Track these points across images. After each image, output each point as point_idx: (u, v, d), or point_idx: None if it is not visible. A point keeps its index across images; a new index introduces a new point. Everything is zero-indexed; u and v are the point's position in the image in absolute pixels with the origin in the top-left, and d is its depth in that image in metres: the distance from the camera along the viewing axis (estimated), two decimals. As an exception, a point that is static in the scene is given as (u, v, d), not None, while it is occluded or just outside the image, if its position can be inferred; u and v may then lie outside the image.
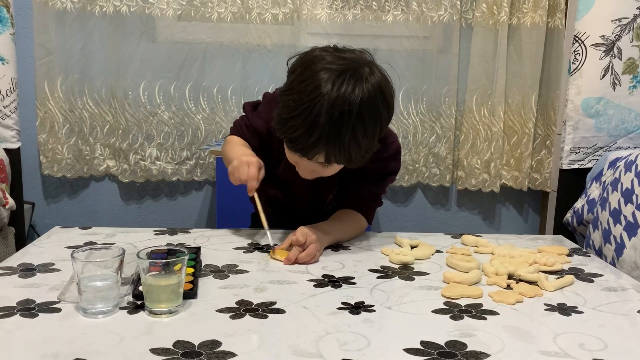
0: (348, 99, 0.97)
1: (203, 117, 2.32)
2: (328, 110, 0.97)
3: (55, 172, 2.30)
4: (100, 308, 0.82)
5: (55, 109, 2.25)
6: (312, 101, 0.98)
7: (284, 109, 1.03)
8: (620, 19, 1.66)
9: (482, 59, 2.34)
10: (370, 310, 0.86)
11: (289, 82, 1.06)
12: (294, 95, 1.01)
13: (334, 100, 0.97)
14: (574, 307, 0.90)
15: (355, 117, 0.98)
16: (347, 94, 0.98)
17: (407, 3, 2.32)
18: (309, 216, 1.22)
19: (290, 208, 1.31)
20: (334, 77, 0.98)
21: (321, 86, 0.98)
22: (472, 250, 1.18)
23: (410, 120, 2.39)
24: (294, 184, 1.23)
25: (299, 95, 1.00)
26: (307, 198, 1.28)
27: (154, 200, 2.43)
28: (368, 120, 1.00)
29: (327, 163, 1.05)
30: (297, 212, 1.30)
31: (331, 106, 0.97)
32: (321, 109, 0.97)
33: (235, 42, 2.30)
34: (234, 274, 1.00)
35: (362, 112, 0.99)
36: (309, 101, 0.98)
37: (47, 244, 1.13)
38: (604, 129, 1.73)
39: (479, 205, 2.54)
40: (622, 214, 1.32)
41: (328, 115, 0.97)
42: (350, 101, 0.97)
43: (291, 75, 1.07)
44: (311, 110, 0.98)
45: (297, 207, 1.30)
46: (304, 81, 1.01)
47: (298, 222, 1.14)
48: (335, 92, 0.97)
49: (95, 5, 2.22)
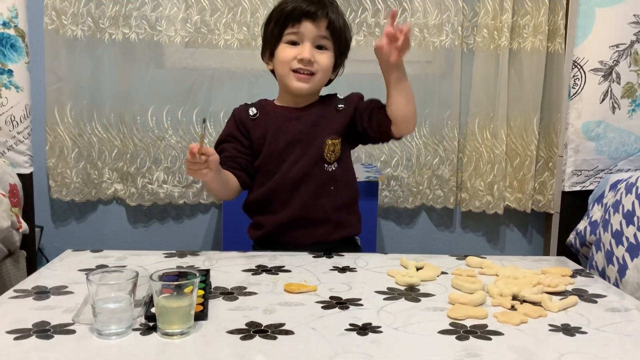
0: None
1: (210, 141, 2.36)
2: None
3: (64, 196, 2.33)
4: (114, 329, 0.84)
5: (65, 134, 2.29)
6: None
7: (274, 9, 1.33)
8: (617, 45, 1.70)
9: (483, 83, 2.38)
10: (378, 331, 0.88)
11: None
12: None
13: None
14: (577, 328, 0.92)
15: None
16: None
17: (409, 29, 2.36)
18: (312, 196, 1.32)
19: (288, 199, 1.34)
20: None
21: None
22: (477, 271, 1.20)
23: (414, 143, 2.42)
24: (288, 147, 1.33)
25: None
26: (305, 158, 1.32)
27: (161, 223, 2.45)
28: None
29: (329, 28, 1.29)
30: (300, 196, 1.33)
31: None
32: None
33: (241, 68, 2.34)
34: (243, 296, 1.02)
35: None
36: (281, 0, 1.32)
37: (60, 267, 1.15)
38: (604, 151, 1.76)
39: (483, 227, 2.55)
40: (624, 235, 1.34)
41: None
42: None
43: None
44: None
45: (295, 176, 1.32)
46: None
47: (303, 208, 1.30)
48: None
49: (105, 33, 2.27)
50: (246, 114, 1.37)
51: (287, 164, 1.33)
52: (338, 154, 1.34)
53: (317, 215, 1.32)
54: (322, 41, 1.31)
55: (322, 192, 1.33)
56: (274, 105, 1.39)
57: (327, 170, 1.34)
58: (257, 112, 1.37)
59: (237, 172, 1.34)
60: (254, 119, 1.36)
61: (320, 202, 1.33)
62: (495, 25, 2.33)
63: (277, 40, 1.32)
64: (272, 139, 1.34)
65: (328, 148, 1.33)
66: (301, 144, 1.33)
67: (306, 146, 1.32)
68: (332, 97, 1.39)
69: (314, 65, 1.29)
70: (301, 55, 1.28)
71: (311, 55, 1.28)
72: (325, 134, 1.33)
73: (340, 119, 1.35)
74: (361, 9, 2.35)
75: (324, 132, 1.33)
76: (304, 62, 1.29)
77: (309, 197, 1.33)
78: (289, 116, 1.35)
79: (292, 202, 1.33)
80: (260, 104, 1.40)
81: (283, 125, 1.34)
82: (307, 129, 1.34)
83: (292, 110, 1.36)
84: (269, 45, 1.35)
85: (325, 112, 1.36)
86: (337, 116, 1.35)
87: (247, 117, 1.37)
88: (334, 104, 1.37)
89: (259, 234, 1.37)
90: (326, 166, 1.34)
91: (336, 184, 1.35)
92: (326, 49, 1.32)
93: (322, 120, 1.34)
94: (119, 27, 2.27)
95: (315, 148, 1.33)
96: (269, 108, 1.38)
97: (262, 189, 1.35)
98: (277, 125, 1.34)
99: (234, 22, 2.31)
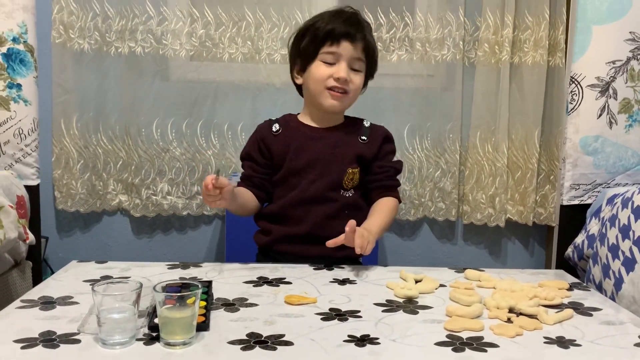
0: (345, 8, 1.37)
1: (214, 153, 2.39)
2: (337, 9, 1.37)
3: (69, 207, 2.36)
4: (118, 339, 0.86)
5: (71, 146, 2.32)
6: (316, 16, 1.37)
7: (309, 25, 1.37)
8: (614, 61, 1.72)
9: (485, 97, 2.41)
10: (376, 342, 0.90)
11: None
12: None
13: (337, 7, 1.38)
14: (572, 340, 0.93)
15: (357, 14, 1.36)
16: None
17: (411, 43, 2.40)
18: (325, 217, 1.35)
19: (301, 216, 1.37)
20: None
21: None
22: (475, 284, 1.21)
23: (416, 156, 2.45)
24: (309, 166, 1.36)
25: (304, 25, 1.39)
26: (323, 180, 1.36)
27: (164, 234, 2.47)
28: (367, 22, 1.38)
29: (365, 50, 1.34)
30: (314, 215, 1.36)
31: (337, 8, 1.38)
32: (328, 12, 1.36)
33: (245, 81, 2.38)
34: (244, 307, 1.04)
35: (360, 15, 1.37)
36: (314, 18, 1.38)
37: (66, 278, 1.18)
38: (602, 166, 1.78)
39: (485, 239, 2.57)
40: (620, 249, 1.36)
41: (338, 11, 1.35)
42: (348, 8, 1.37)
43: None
44: (321, 15, 1.36)
45: (312, 196, 1.36)
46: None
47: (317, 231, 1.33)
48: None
49: (111, 46, 2.31)
50: (269, 131, 1.41)
51: (306, 182, 1.35)
52: (356, 182, 1.38)
53: (327, 234, 1.33)
54: (356, 63, 1.34)
55: (336, 215, 1.36)
56: (298, 122, 1.42)
57: (343, 196, 1.38)
58: (280, 128, 1.40)
59: (253, 189, 1.39)
60: (276, 135, 1.40)
61: (332, 223, 1.34)
62: (497, 40, 2.36)
63: (311, 57, 1.35)
64: (293, 155, 1.37)
65: (348, 176, 1.37)
66: (320, 163, 1.36)
67: (325, 167, 1.35)
68: (357, 123, 1.43)
69: (349, 85, 1.33)
70: (338, 75, 1.31)
71: (347, 74, 1.32)
72: (346, 161, 1.36)
73: (361, 151, 1.38)
74: (364, 23, 2.38)
75: (344, 158, 1.36)
76: (340, 81, 1.32)
77: (322, 217, 1.36)
78: (312, 135, 1.39)
79: (305, 219, 1.36)
80: (285, 119, 1.43)
81: (305, 143, 1.37)
82: (328, 150, 1.37)
83: (315, 130, 1.40)
84: (301, 61, 1.38)
85: (348, 137, 1.39)
86: (359, 146, 1.38)
87: (270, 134, 1.40)
88: (358, 133, 1.40)
89: (266, 240, 1.39)
90: (342, 192, 1.38)
91: (350, 209, 1.38)
92: (359, 70, 1.36)
93: (344, 144, 1.37)
94: (125, 40, 2.31)
95: (335, 173, 1.36)
96: (292, 124, 1.41)
97: (279, 203, 1.38)
98: (300, 143, 1.38)
99: (238, 36, 2.34)
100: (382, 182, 1.40)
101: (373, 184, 1.40)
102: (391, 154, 1.43)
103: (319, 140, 1.38)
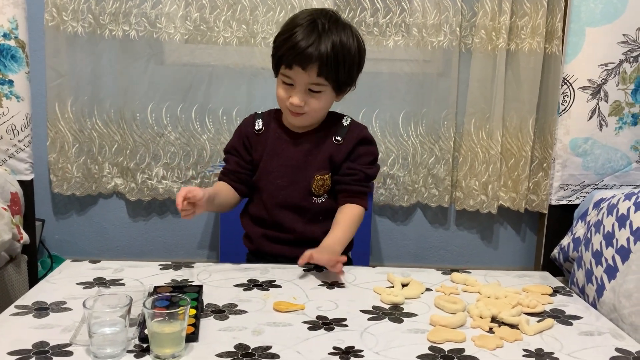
0: (324, 10, 1.28)
1: (209, 137, 2.39)
2: (311, 14, 1.26)
3: (65, 190, 2.38)
4: (109, 352, 0.89)
5: (66, 129, 2.33)
6: (295, 17, 1.29)
7: (277, 36, 1.29)
8: (606, 64, 1.72)
9: (480, 83, 2.40)
10: (359, 355, 0.93)
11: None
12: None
13: (313, 11, 1.28)
14: (550, 353, 0.96)
15: (333, 22, 1.26)
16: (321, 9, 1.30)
17: (407, 29, 2.38)
18: (302, 222, 1.35)
19: (278, 221, 1.37)
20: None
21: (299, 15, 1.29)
22: (461, 288, 1.24)
23: (410, 142, 2.45)
24: (278, 171, 1.35)
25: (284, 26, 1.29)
26: (292, 188, 1.35)
27: (160, 218, 2.50)
28: (344, 31, 1.26)
29: (321, 75, 1.24)
30: (290, 220, 1.36)
31: (312, 12, 1.27)
32: (303, 15, 1.27)
33: (240, 65, 2.37)
34: (234, 315, 1.06)
35: (339, 20, 1.27)
36: (292, 18, 1.29)
37: (59, 280, 1.20)
38: (591, 167, 1.80)
39: (477, 225, 2.60)
40: (604, 256, 1.38)
41: (311, 18, 1.25)
42: (326, 11, 1.28)
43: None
44: (295, 17, 1.28)
45: (282, 202, 1.36)
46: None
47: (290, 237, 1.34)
48: (311, 10, 1.30)
49: (105, 29, 2.29)
50: (252, 129, 1.39)
51: (276, 189, 1.35)
52: (328, 187, 1.36)
53: (307, 237, 1.34)
54: (314, 87, 1.27)
55: (311, 221, 1.36)
56: (279, 123, 1.39)
57: (315, 203, 1.36)
58: (263, 127, 1.38)
59: (236, 184, 1.38)
60: (258, 134, 1.38)
61: (309, 228, 1.36)
62: (494, 26, 2.34)
63: (275, 72, 1.32)
64: (267, 158, 1.36)
65: (317, 183, 1.34)
66: (290, 170, 1.35)
67: (294, 174, 1.34)
68: (336, 123, 1.37)
69: (305, 108, 1.28)
70: (290, 101, 1.27)
71: (301, 100, 1.27)
72: (314, 169, 1.34)
73: (333, 152, 1.34)
74: (360, 8, 2.36)
75: (313, 166, 1.34)
76: (293, 107, 1.28)
77: (298, 223, 1.36)
78: (286, 139, 1.36)
79: (285, 223, 1.36)
80: (269, 117, 1.40)
81: (279, 147, 1.36)
82: (299, 156, 1.35)
83: (291, 134, 1.37)
84: (274, 69, 1.34)
85: (322, 142, 1.35)
86: (333, 149, 1.34)
87: (253, 132, 1.39)
88: (334, 134, 1.35)
89: (251, 247, 1.42)
90: (314, 199, 1.36)
91: (325, 214, 1.37)
92: (318, 91, 1.28)
93: (317, 151, 1.34)
94: (119, 23, 2.29)
95: (304, 180, 1.34)
96: (273, 125, 1.38)
97: (255, 205, 1.39)
98: (274, 146, 1.36)
99: (233, 19, 2.32)
100: (348, 186, 1.35)
101: (338, 186, 1.36)
102: (366, 156, 1.35)
103: (293, 146, 1.35)
